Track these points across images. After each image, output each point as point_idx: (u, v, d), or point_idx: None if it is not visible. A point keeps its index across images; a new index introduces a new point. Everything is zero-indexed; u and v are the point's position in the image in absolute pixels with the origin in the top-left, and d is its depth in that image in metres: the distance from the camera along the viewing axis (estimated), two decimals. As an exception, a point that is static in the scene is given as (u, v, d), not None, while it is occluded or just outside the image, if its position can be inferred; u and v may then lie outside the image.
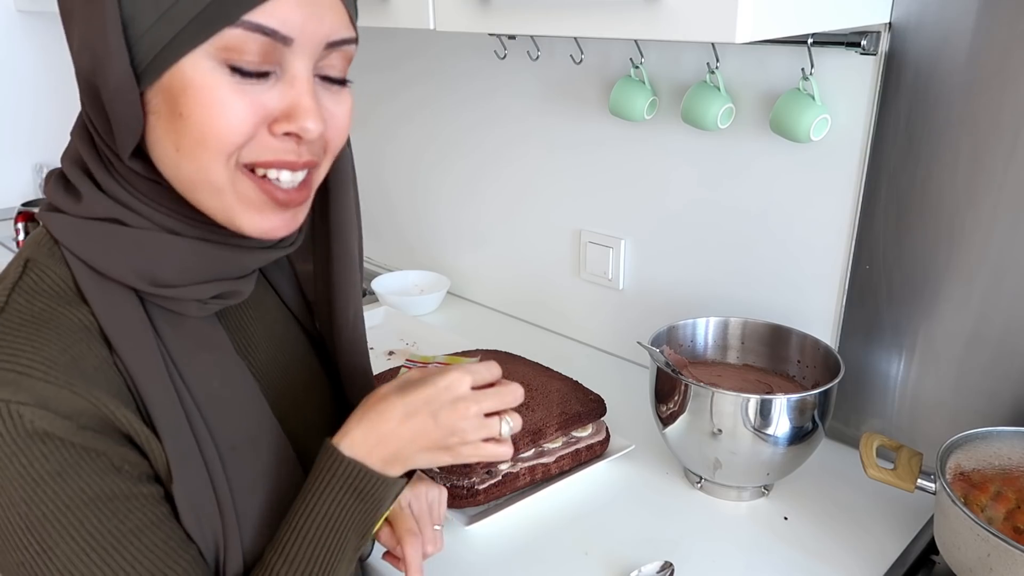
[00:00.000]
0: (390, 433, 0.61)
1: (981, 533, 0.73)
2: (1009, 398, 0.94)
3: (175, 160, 0.54)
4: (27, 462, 0.52)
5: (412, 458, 0.62)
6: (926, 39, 0.90)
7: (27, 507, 0.52)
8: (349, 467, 0.61)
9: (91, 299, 0.56)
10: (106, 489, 0.55)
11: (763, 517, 0.97)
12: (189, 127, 0.52)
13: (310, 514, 0.61)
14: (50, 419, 0.52)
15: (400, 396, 0.62)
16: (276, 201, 0.57)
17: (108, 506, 0.55)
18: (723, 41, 0.72)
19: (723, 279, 1.20)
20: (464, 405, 0.62)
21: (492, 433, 0.63)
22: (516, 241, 1.51)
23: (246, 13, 0.50)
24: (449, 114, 1.54)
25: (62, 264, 0.58)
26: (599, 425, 1.07)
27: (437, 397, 0.61)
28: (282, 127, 0.54)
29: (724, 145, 1.13)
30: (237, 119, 0.52)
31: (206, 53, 0.51)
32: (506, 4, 0.88)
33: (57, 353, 0.54)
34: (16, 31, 2.15)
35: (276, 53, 0.52)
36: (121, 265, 0.57)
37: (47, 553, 0.53)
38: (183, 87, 0.51)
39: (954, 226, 0.93)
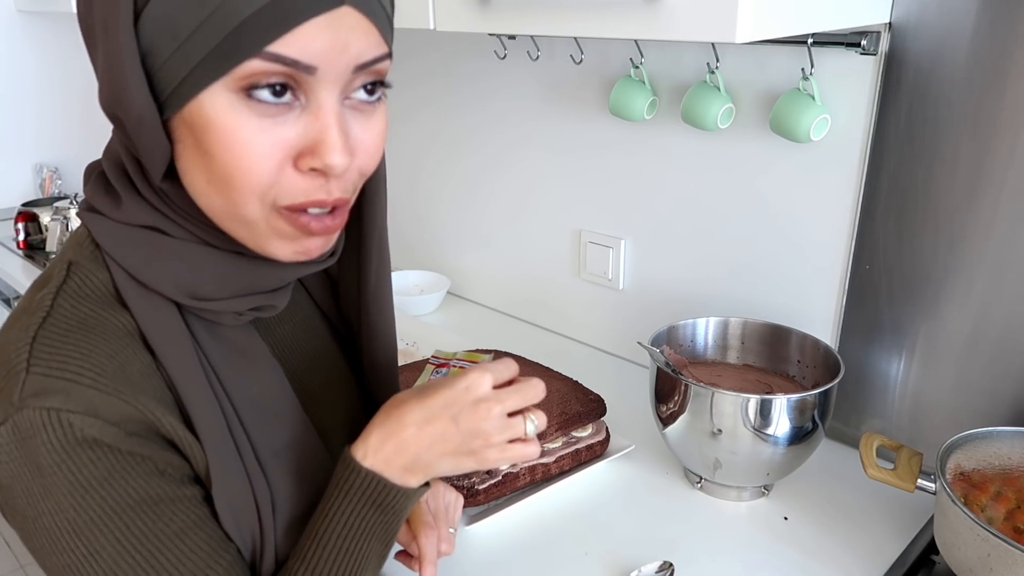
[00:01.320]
0: (409, 440, 0.60)
1: (981, 533, 0.73)
2: (1009, 398, 0.94)
3: (206, 191, 0.53)
4: (76, 468, 0.52)
5: (433, 465, 0.61)
6: (926, 39, 0.90)
7: (75, 512, 0.53)
8: (367, 479, 0.59)
9: (132, 306, 0.57)
10: (151, 493, 0.55)
11: (763, 517, 0.97)
12: (215, 165, 0.50)
13: (330, 524, 0.60)
14: (99, 427, 0.52)
15: (419, 400, 0.60)
16: (311, 232, 0.55)
17: (153, 509, 0.55)
18: (723, 41, 0.72)
19: (723, 279, 1.20)
20: (486, 406, 0.60)
21: (517, 433, 0.61)
22: (516, 241, 1.51)
23: (267, 45, 0.47)
24: (449, 114, 1.54)
25: (104, 268, 0.58)
26: (599, 425, 1.07)
27: (457, 399, 0.60)
28: (308, 163, 0.51)
29: (724, 145, 1.13)
30: (261, 158, 0.50)
31: (225, 87, 0.48)
32: (506, 4, 0.88)
33: (105, 359, 0.54)
34: (16, 31, 2.15)
35: (299, 83, 0.50)
36: (161, 276, 0.57)
37: (94, 556, 0.54)
38: (205, 124, 0.49)
39: (954, 226, 0.93)
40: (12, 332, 0.55)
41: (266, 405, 0.63)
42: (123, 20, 0.48)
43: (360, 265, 0.71)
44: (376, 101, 0.55)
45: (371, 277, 0.72)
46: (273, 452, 0.62)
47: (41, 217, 1.94)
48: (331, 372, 0.74)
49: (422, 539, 0.75)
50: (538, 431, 0.62)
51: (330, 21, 0.48)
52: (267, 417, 0.63)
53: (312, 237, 0.55)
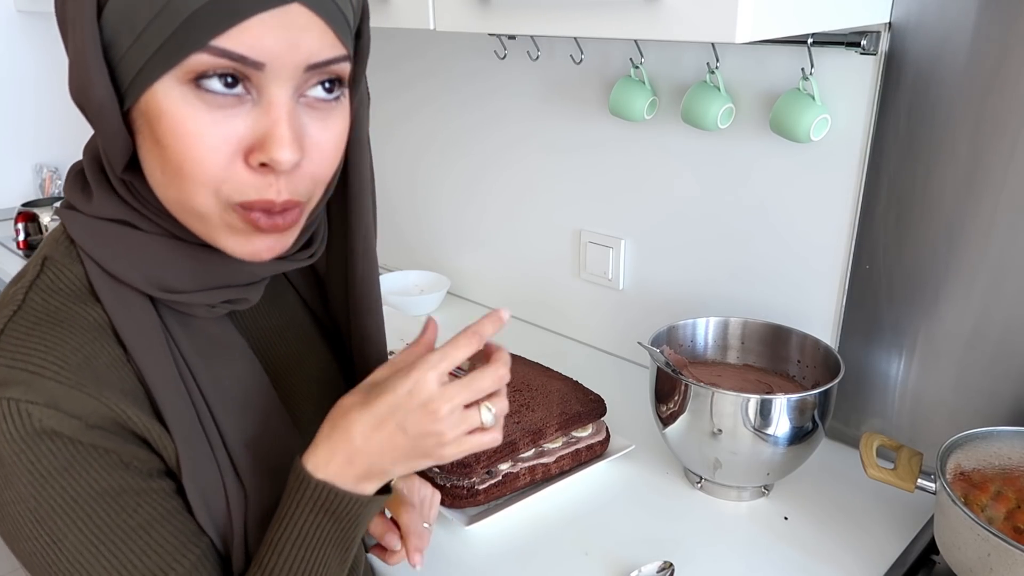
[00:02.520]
0: (358, 451, 0.58)
1: (981, 533, 0.73)
2: (1009, 398, 0.94)
3: (161, 181, 0.53)
4: (34, 458, 0.53)
5: (388, 470, 0.59)
6: (926, 39, 0.90)
7: (35, 501, 0.53)
8: (318, 489, 0.58)
9: (104, 299, 0.57)
10: (114, 484, 0.55)
11: (763, 517, 0.97)
12: (168, 155, 0.51)
13: (285, 532, 0.59)
14: (59, 418, 0.53)
15: (363, 409, 0.58)
16: (259, 228, 0.54)
17: (117, 500, 0.56)
18: (723, 41, 0.72)
19: (723, 279, 1.20)
20: (433, 407, 0.56)
21: (472, 426, 0.58)
22: (516, 241, 1.51)
23: (213, 39, 0.47)
24: (449, 114, 1.54)
25: (77, 263, 0.58)
26: (599, 425, 1.07)
27: (401, 405, 0.57)
28: (256, 157, 0.51)
29: (724, 145, 1.13)
30: (210, 150, 0.50)
31: (176, 79, 0.49)
32: (506, 4, 0.88)
33: (69, 352, 0.54)
34: (16, 31, 2.15)
35: (250, 78, 0.50)
36: (131, 269, 0.57)
37: (56, 544, 0.54)
38: (158, 115, 0.50)
39: (954, 226, 0.93)
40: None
41: (238, 397, 0.63)
42: (87, 13, 0.49)
43: (346, 267, 0.71)
44: (334, 100, 0.54)
45: (358, 279, 0.71)
46: (244, 444, 0.62)
47: (41, 217, 1.94)
48: (316, 367, 0.74)
49: (404, 517, 0.75)
50: (498, 417, 0.60)
51: (280, 19, 0.48)
52: (239, 409, 0.62)
53: (261, 235, 0.55)
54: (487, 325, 0.60)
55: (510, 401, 1.05)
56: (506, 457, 0.97)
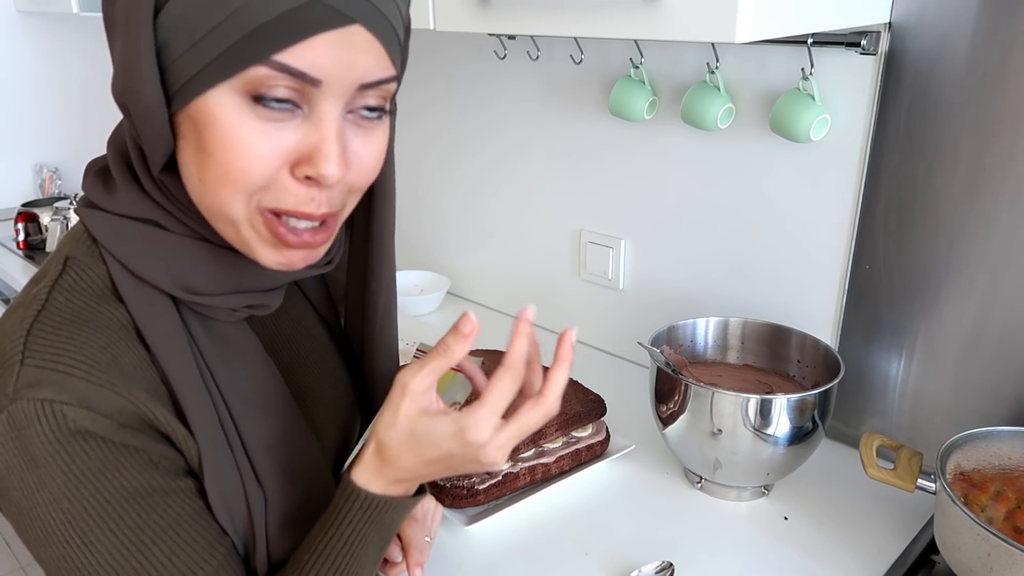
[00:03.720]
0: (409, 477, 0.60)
1: (981, 533, 0.73)
2: (1009, 398, 0.94)
3: (198, 188, 0.54)
4: (69, 459, 0.53)
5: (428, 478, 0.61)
6: (926, 39, 0.90)
7: (69, 503, 0.53)
8: (367, 501, 0.60)
9: (127, 299, 0.57)
10: (145, 484, 0.56)
11: (763, 517, 0.97)
12: (213, 162, 0.51)
13: (331, 543, 0.60)
14: (92, 418, 0.53)
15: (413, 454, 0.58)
16: (286, 243, 0.55)
17: (147, 501, 0.56)
18: (723, 41, 0.72)
19: (723, 279, 1.20)
20: (486, 455, 0.57)
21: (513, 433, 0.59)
22: (516, 241, 1.51)
23: (275, 53, 0.48)
24: (449, 114, 1.54)
25: (100, 262, 0.58)
26: (599, 425, 1.07)
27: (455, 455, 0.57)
28: (303, 170, 0.52)
29: (724, 145, 1.13)
30: (259, 160, 0.51)
31: (231, 88, 0.49)
32: (506, 4, 0.88)
33: (98, 352, 0.55)
34: (16, 31, 2.15)
35: (304, 93, 0.50)
36: (156, 269, 0.57)
37: (88, 546, 0.54)
38: (208, 121, 0.50)
39: (954, 226, 0.93)
40: (8, 325, 0.56)
41: (258, 400, 0.63)
42: (143, 13, 0.49)
43: (366, 275, 0.71)
44: (377, 119, 0.55)
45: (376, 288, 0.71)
46: (265, 447, 0.63)
47: (41, 217, 1.94)
48: (326, 370, 0.74)
49: (407, 530, 0.76)
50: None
51: (341, 38, 0.49)
52: (259, 412, 0.63)
53: (292, 249, 0.56)
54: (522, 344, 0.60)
55: (510, 401, 1.05)
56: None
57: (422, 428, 0.58)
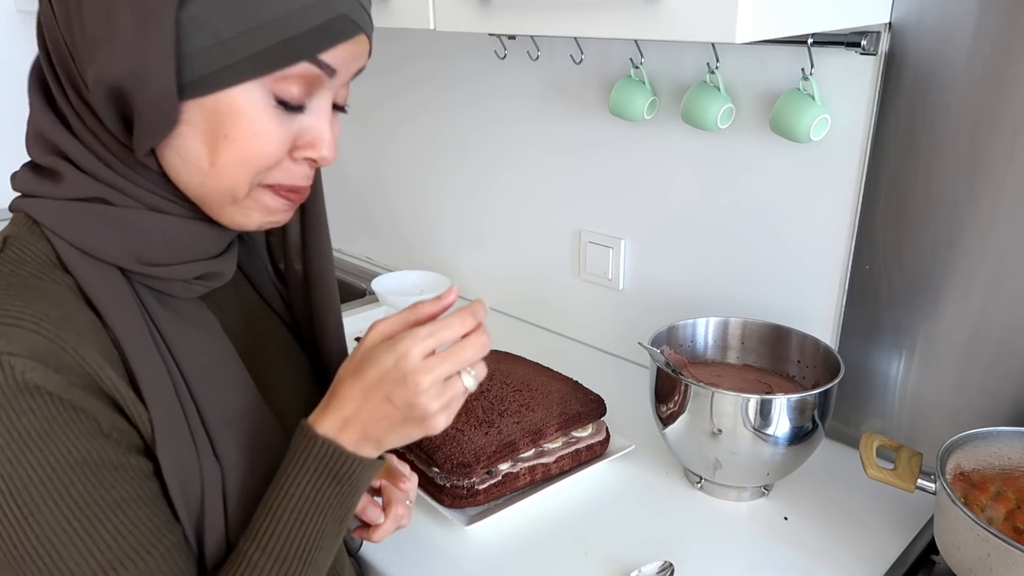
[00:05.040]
0: (353, 416, 0.60)
1: (981, 533, 0.73)
2: (1009, 398, 0.94)
3: (203, 171, 0.57)
4: (15, 416, 0.51)
5: (383, 439, 0.61)
6: (926, 39, 0.90)
7: (11, 466, 0.51)
8: (323, 447, 0.60)
9: (76, 271, 0.57)
10: (94, 454, 0.54)
11: (763, 517, 0.97)
12: (234, 148, 0.56)
13: (285, 498, 0.60)
14: (42, 372, 0.51)
15: (353, 378, 0.61)
16: (291, 201, 0.62)
17: (95, 472, 0.54)
18: (723, 41, 0.72)
19: (723, 279, 1.20)
20: (414, 379, 0.59)
21: (455, 394, 0.61)
22: (516, 241, 1.51)
23: (320, 53, 0.56)
24: (449, 114, 1.54)
25: (43, 240, 0.58)
26: (599, 425, 1.07)
27: (387, 375, 0.59)
28: (303, 153, 0.60)
29: (724, 145, 1.13)
30: (276, 147, 0.57)
31: (260, 83, 0.55)
32: (506, 4, 0.88)
33: (48, 308, 0.53)
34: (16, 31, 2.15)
35: (313, 86, 0.57)
36: (107, 244, 0.57)
37: (27, 519, 0.52)
38: (233, 112, 0.55)
39: (954, 226, 0.93)
40: None
41: (216, 374, 0.63)
42: (167, 7, 0.51)
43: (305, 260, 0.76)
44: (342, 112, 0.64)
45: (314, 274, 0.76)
46: (224, 421, 0.62)
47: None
48: (283, 355, 0.76)
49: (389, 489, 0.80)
50: (479, 381, 0.62)
51: (354, 43, 0.58)
52: (217, 386, 0.63)
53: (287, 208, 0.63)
54: (479, 309, 0.63)
55: (510, 401, 1.05)
56: (506, 457, 0.97)
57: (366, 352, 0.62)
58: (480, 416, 1.02)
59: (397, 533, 0.95)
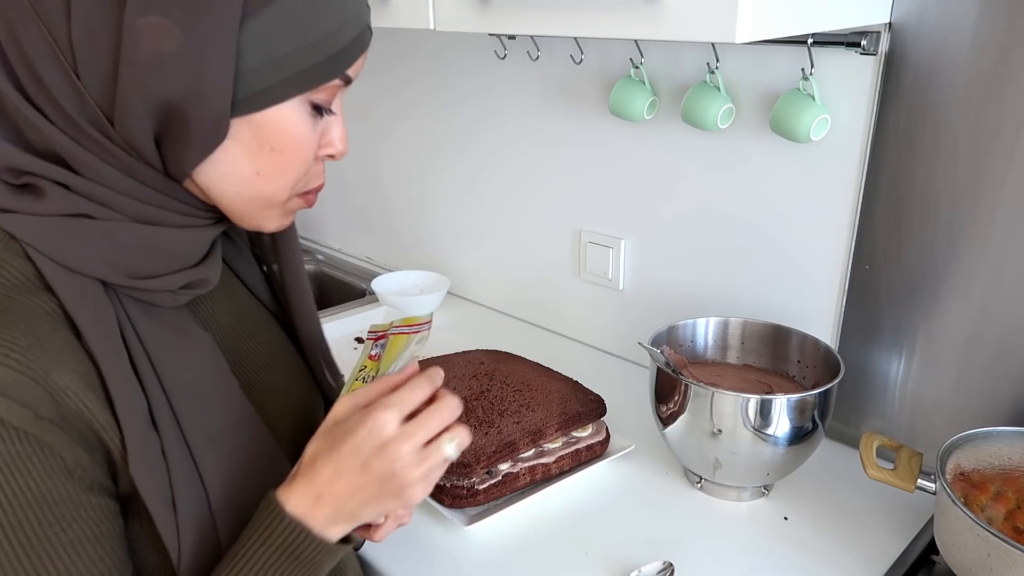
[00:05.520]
0: (325, 492, 0.59)
1: (981, 533, 0.73)
2: (1009, 398, 0.94)
3: (250, 180, 0.59)
4: None
5: (357, 514, 0.60)
6: (926, 39, 0.90)
7: None
8: (289, 527, 0.58)
9: (58, 288, 0.55)
10: (54, 492, 0.53)
11: (763, 517, 0.97)
12: (278, 159, 0.59)
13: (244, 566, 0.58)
14: (7, 405, 0.50)
15: (327, 451, 0.59)
16: (310, 204, 0.66)
17: (53, 510, 0.53)
18: (723, 41, 0.72)
19: (723, 279, 1.20)
20: (393, 448, 0.58)
21: (436, 462, 0.60)
22: (516, 241, 1.51)
23: (347, 69, 0.59)
24: (449, 114, 1.54)
25: (20, 257, 0.56)
26: (599, 425, 1.07)
27: (362, 447, 0.58)
28: (324, 151, 0.63)
29: (724, 145, 1.13)
30: (311, 153, 0.61)
31: (302, 99, 0.58)
32: (506, 4, 0.88)
33: (19, 335, 0.52)
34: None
35: (336, 92, 0.61)
36: (93, 259, 0.56)
37: None
38: (281, 126, 0.57)
39: (954, 226, 0.93)
40: None
41: (200, 387, 0.62)
42: (231, 28, 0.52)
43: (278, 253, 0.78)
44: None
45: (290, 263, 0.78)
46: (207, 436, 0.61)
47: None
48: (275, 357, 0.74)
49: None
50: (461, 448, 0.61)
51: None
52: (200, 400, 0.62)
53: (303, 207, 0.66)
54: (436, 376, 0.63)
55: (510, 401, 1.05)
56: (506, 457, 0.97)
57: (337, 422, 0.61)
58: (480, 416, 1.02)
59: (397, 532, 0.95)
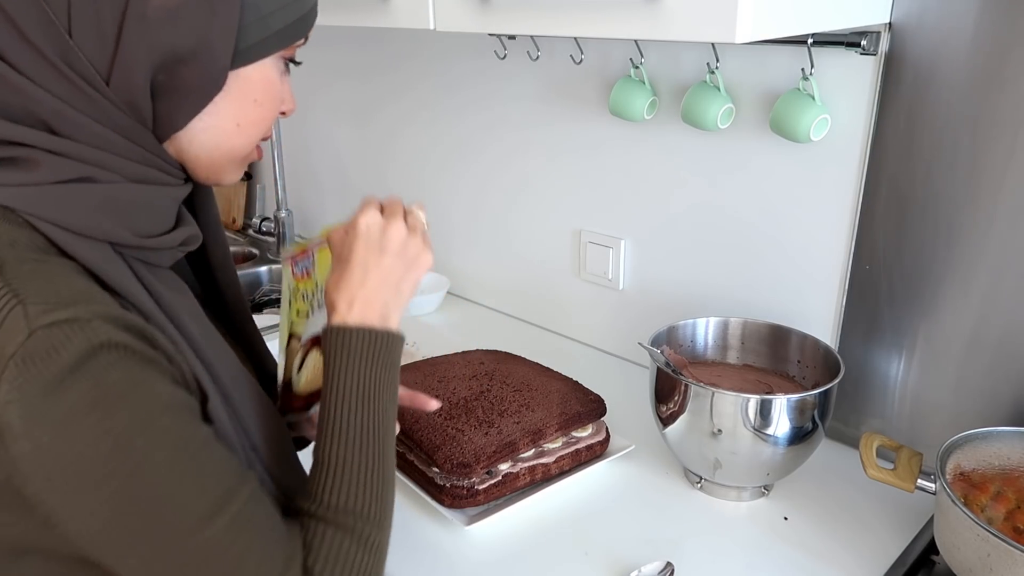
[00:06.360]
0: (365, 294, 0.68)
1: (981, 533, 0.73)
2: (1009, 398, 0.94)
3: (231, 132, 0.64)
4: (102, 371, 0.52)
5: (397, 300, 0.69)
6: (926, 39, 0.90)
7: (111, 421, 0.52)
8: (358, 335, 0.66)
9: (74, 251, 0.56)
10: (176, 397, 0.56)
11: (763, 517, 0.97)
12: (258, 111, 0.64)
13: (339, 390, 0.65)
14: (114, 330, 0.53)
15: (344, 271, 0.69)
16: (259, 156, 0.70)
17: (181, 413, 0.56)
18: (723, 41, 0.72)
19: (723, 279, 1.20)
20: (391, 228, 0.69)
21: (422, 228, 0.73)
22: (516, 241, 1.51)
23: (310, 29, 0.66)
24: (449, 114, 1.54)
25: (23, 228, 0.56)
26: (599, 425, 1.07)
27: (369, 243, 0.69)
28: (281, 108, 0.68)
29: (724, 145, 1.13)
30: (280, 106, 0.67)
31: (280, 55, 0.64)
32: (506, 4, 0.88)
33: (83, 283, 0.55)
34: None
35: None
36: (101, 221, 0.57)
37: (140, 467, 0.52)
38: (263, 80, 0.63)
39: (954, 226, 0.93)
40: None
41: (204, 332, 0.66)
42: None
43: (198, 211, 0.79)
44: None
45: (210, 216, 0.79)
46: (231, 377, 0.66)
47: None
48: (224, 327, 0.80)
49: None
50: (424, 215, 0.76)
51: None
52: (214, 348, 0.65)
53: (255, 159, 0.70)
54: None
55: (510, 401, 1.05)
56: (506, 457, 0.97)
57: (339, 253, 0.71)
58: (480, 416, 1.02)
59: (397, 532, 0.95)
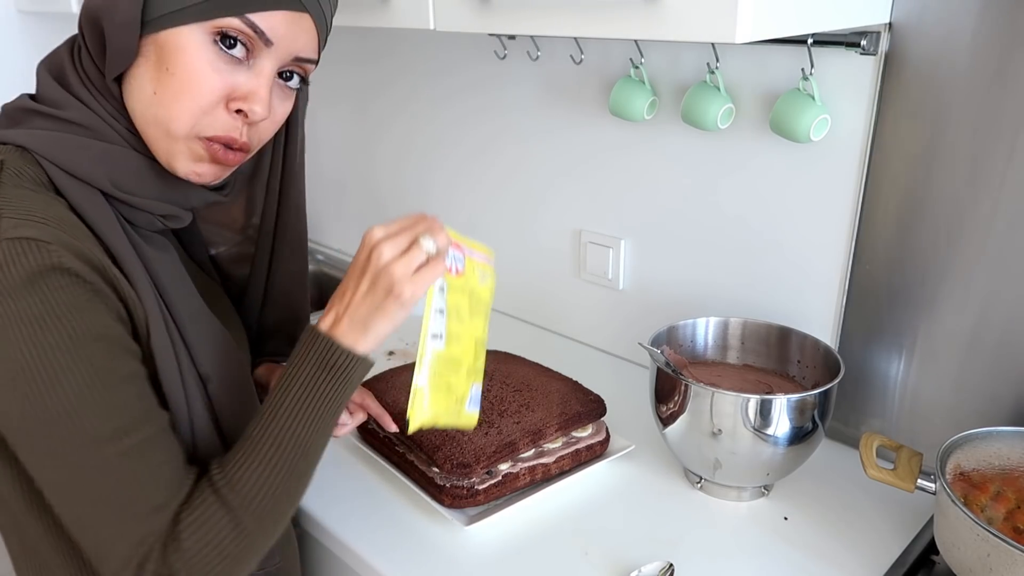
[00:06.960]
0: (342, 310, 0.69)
1: (981, 533, 0.73)
2: (1009, 398, 0.94)
3: (149, 100, 0.66)
4: (48, 291, 0.59)
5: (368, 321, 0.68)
6: (926, 39, 0.90)
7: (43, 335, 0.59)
8: (322, 342, 0.68)
9: (67, 193, 0.66)
10: (111, 331, 0.63)
11: (763, 517, 0.97)
12: (172, 81, 0.65)
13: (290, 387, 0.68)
14: (70, 258, 0.60)
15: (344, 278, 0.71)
16: (216, 159, 0.70)
17: (112, 347, 0.63)
18: (723, 41, 0.72)
19: (723, 279, 1.20)
20: (377, 250, 0.68)
21: (418, 260, 0.68)
22: (516, 241, 1.51)
23: (248, 13, 0.65)
24: (450, 115, 1.54)
25: (34, 165, 0.66)
26: (599, 425, 1.07)
27: (357, 261, 0.69)
28: (236, 104, 0.67)
29: (724, 145, 1.13)
30: (208, 89, 0.66)
31: (203, 29, 0.64)
32: (506, 4, 0.88)
33: (63, 213, 0.64)
34: (16, 31, 2.15)
35: (255, 49, 0.67)
36: (93, 169, 0.67)
37: (55, 382, 0.59)
38: (176, 49, 0.65)
39: (954, 226, 0.93)
40: None
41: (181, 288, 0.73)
42: None
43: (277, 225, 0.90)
44: (292, 89, 0.73)
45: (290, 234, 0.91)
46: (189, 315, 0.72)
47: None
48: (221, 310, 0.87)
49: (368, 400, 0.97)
50: (439, 247, 0.70)
51: (294, 18, 0.68)
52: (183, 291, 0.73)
53: (212, 164, 0.70)
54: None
55: (510, 401, 1.05)
56: (506, 457, 0.97)
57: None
58: (480, 416, 1.02)
59: (397, 532, 0.95)
